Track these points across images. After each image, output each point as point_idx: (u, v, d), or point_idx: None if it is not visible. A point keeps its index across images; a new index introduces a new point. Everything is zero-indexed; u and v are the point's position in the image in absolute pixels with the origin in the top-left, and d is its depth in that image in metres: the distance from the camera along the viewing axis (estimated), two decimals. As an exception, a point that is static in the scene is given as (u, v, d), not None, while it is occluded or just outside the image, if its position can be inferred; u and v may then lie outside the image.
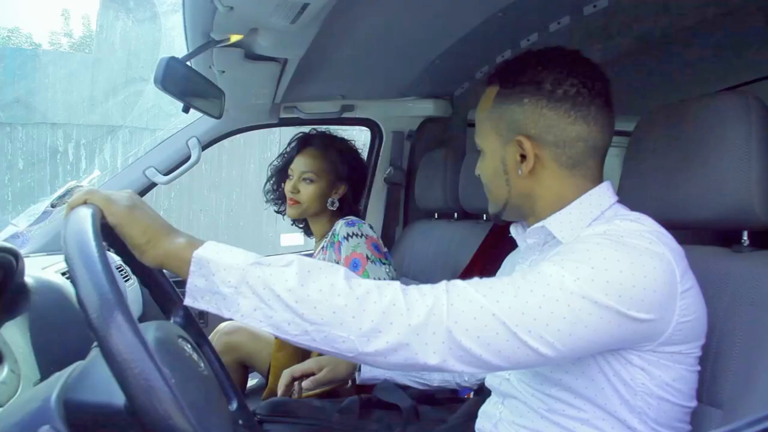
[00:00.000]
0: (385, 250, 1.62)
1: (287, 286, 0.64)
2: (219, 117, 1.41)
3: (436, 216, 2.10)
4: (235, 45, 1.25)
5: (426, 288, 0.68)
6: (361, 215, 1.98)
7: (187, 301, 0.67)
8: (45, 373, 0.90)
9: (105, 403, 0.55)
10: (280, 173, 1.78)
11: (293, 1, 0.93)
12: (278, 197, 1.82)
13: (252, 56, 1.33)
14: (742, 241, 0.87)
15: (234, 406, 0.83)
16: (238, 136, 2.07)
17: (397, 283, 0.68)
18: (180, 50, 1.24)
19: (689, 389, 0.76)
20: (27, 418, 0.57)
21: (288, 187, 1.69)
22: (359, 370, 1.24)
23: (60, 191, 1.77)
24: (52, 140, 4.77)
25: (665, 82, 1.52)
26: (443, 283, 0.69)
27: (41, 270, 1.11)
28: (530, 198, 0.87)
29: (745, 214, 0.81)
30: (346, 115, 2.13)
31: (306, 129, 1.82)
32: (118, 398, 0.55)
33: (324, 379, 1.23)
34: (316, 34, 1.21)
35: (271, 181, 1.82)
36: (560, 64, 0.83)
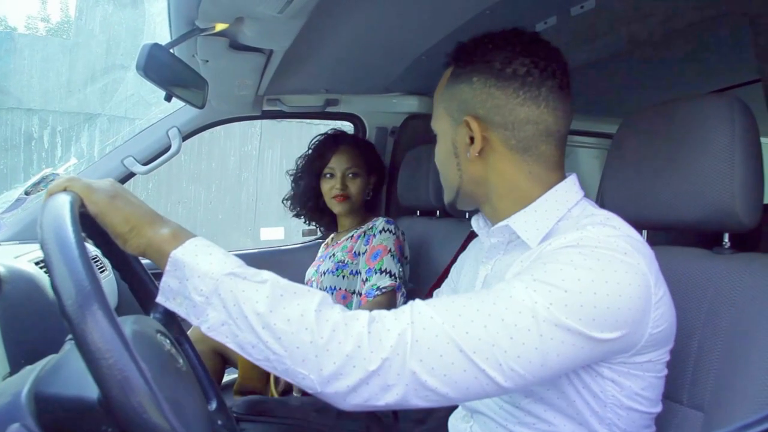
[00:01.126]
0: (408, 255, 1.73)
1: (256, 309, 0.61)
2: (201, 107, 1.38)
3: (418, 213, 2.09)
4: (220, 34, 1.22)
5: (390, 320, 0.63)
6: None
7: (159, 299, 0.65)
8: (14, 365, 0.87)
9: (77, 396, 0.53)
10: (314, 176, 1.82)
11: (280, -11, 0.91)
12: (313, 203, 1.87)
13: (237, 46, 1.30)
14: (724, 243, 0.88)
15: (213, 406, 0.82)
16: (219, 128, 2.04)
17: (365, 317, 0.64)
18: (163, 38, 1.21)
19: (656, 395, 0.75)
20: (-3, 411, 0.55)
21: (334, 185, 1.75)
22: None
23: (35, 178, 1.72)
24: (27, 126, 4.64)
25: (650, 83, 1.54)
26: (408, 312, 0.65)
27: (14, 259, 1.08)
28: (482, 184, 0.84)
29: (727, 216, 0.82)
30: (330, 109, 2.12)
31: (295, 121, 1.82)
32: (92, 392, 0.53)
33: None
34: (302, 26, 1.19)
35: (300, 187, 1.87)
36: (513, 44, 0.80)
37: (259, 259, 2.27)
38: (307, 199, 1.88)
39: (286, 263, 2.26)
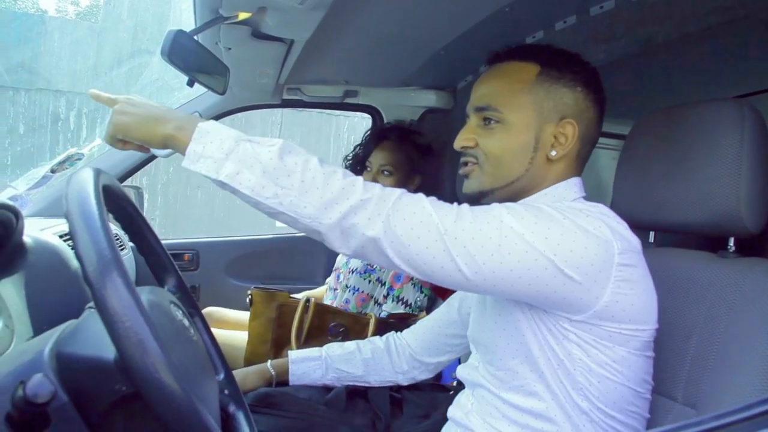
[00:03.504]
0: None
1: (269, 156, 0.73)
2: (223, 93, 1.42)
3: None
4: (243, 23, 1.25)
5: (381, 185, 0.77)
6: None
7: (185, 163, 0.75)
8: (37, 330, 0.91)
9: (95, 356, 0.57)
10: (358, 166, 1.86)
11: (303, -19, 0.94)
12: None
13: (259, 35, 1.34)
14: (728, 247, 0.89)
15: (221, 376, 0.85)
16: (239, 115, 2.08)
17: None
18: (187, 24, 1.25)
19: (636, 373, 0.79)
20: (20, 369, 0.59)
21: (367, 179, 1.75)
22: (272, 383, 1.24)
23: (60, 157, 1.78)
24: (54, 107, 4.75)
25: (665, 86, 1.53)
26: (395, 189, 0.77)
27: (39, 231, 1.12)
28: (536, 181, 0.88)
29: (733, 221, 0.83)
30: (348, 100, 2.14)
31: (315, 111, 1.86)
32: (108, 353, 0.56)
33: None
34: (323, 17, 1.22)
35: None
36: (595, 74, 0.90)
37: (274, 245, 2.31)
38: None
39: (300, 250, 2.30)
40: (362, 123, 5.57)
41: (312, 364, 1.22)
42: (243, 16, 1.21)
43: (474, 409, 0.92)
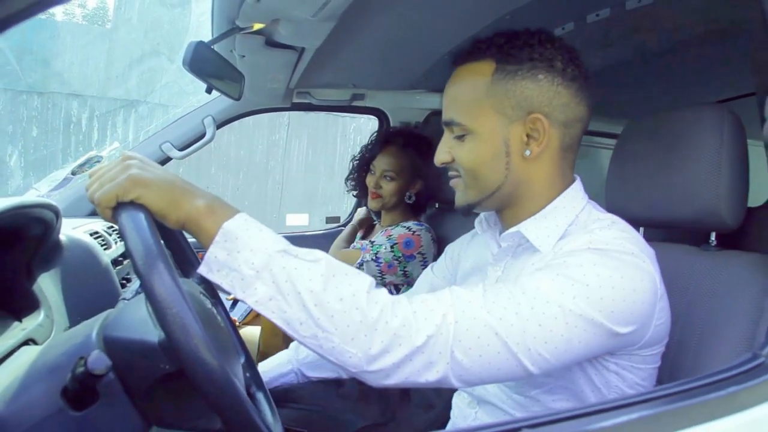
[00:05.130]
0: (425, 253, 1.75)
1: (310, 287, 0.63)
2: (238, 99, 1.49)
3: (436, 206, 2.18)
4: (257, 32, 1.33)
5: (432, 302, 0.68)
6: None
7: (202, 270, 0.66)
8: (73, 321, 0.99)
9: (141, 339, 0.64)
10: (363, 168, 1.96)
11: (315, -3, 1.01)
12: (359, 188, 2.02)
13: (272, 43, 1.41)
14: (710, 241, 0.95)
15: (242, 360, 0.93)
16: (248, 117, 2.16)
17: (408, 300, 0.68)
18: (198, 30, 1.32)
19: (653, 384, 0.83)
20: (71, 350, 0.66)
21: (371, 182, 1.87)
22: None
23: (80, 160, 1.86)
24: (67, 110, 4.85)
25: (658, 89, 1.60)
26: (448, 295, 0.69)
27: (72, 229, 1.21)
28: (522, 185, 0.85)
29: (714, 217, 0.90)
30: (356, 103, 2.21)
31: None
32: (152, 336, 0.64)
33: None
34: (333, 26, 1.29)
35: (353, 173, 2.02)
36: (561, 46, 0.83)
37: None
38: (356, 184, 2.03)
39: (309, 248, 2.37)
40: (368, 124, 5.65)
41: (284, 380, 1.17)
42: (258, 26, 1.28)
43: (480, 419, 0.93)
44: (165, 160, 2.00)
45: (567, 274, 0.71)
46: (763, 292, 0.78)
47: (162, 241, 0.63)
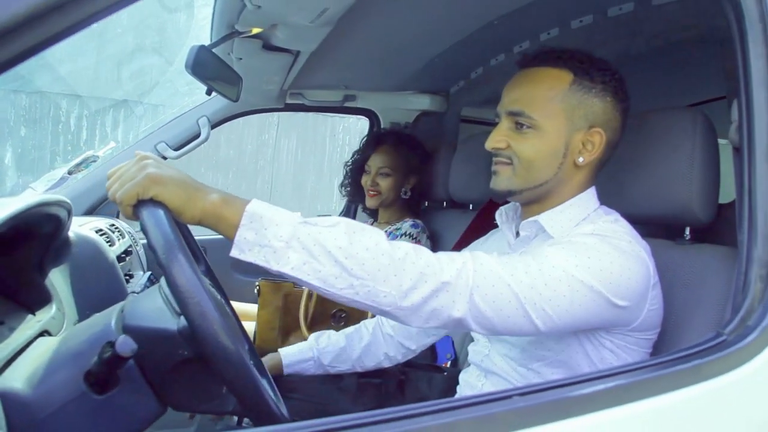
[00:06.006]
0: None
1: (338, 243, 0.70)
2: (236, 100, 1.54)
3: (426, 204, 2.24)
4: (255, 36, 1.38)
5: (453, 254, 0.77)
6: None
7: (234, 253, 0.70)
8: (81, 314, 1.03)
9: (160, 327, 0.69)
10: (357, 170, 2.03)
11: (315, 4, 1.06)
12: (355, 191, 2.07)
13: (269, 47, 1.46)
14: (685, 235, 1.02)
15: (246, 347, 0.98)
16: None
17: (426, 249, 0.76)
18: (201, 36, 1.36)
19: None
20: (93, 337, 0.71)
21: (367, 181, 1.93)
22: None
23: (77, 160, 1.89)
24: (56, 110, 4.83)
25: (637, 93, 1.67)
26: (466, 253, 0.78)
27: (78, 227, 1.24)
28: (562, 185, 0.93)
29: (688, 213, 0.97)
30: (347, 104, 2.26)
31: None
32: (171, 324, 0.69)
33: None
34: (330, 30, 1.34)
35: (348, 177, 2.08)
36: (622, 78, 0.94)
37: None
38: (353, 191, 2.10)
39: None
40: (357, 124, 5.69)
41: (305, 365, 1.24)
42: (256, 30, 1.33)
43: (485, 389, 1.01)
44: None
45: (572, 248, 0.81)
46: (729, 281, 0.85)
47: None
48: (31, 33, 0.47)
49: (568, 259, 0.78)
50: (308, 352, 1.24)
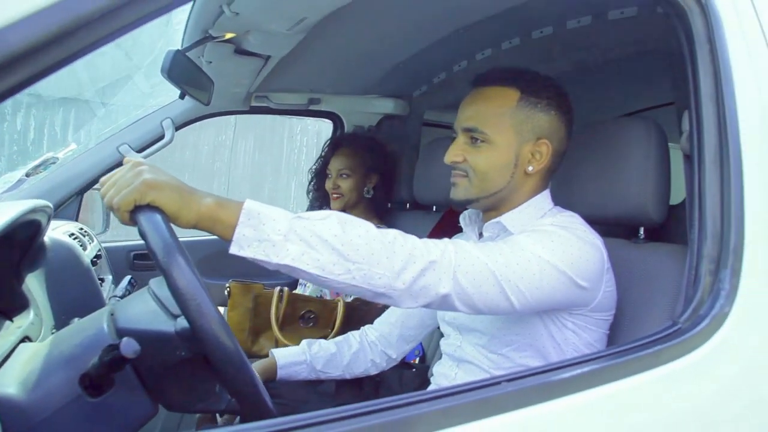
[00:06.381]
0: None
1: (332, 233, 0.75)
2: (207, 104, 1.54)
3: (389, 205, 2.29)
4: (228, 41, 1.39)
5: (434, 239, 0.84)
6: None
7: (233, 250, 0.73)
8: (57, 319, 1.03)
9: (156, 329, 0.71)
10: (320, 175, 2.06)
11: (295, 13, 1.09)
12: (321, 196, 2.10)
13: (241, 51, 1.47)
14: (639, 234, 1.11)
15: None
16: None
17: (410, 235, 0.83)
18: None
19: (603, 346, 1.00)
20: (87, 341, 0.72)
21: (329, 184, 1.96)
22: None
23: (36, 162, 1.84)
24: (14, 109, 4.61)
25: (594, 100, 1.78)
26: (446, 239, 0.85)
27: (52, 230, 1.22)
28: (515, 192, 1.02)
29: (642, 214, 1.05)
30: (312, 107, 2.28)
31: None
32: (168, 326, 0.71)
33: None
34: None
35: (313, 183, 2.11)
36: (564, 93, 1.04)
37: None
38: (318, 196, 2.13)
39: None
40: (315, 125, 5.70)
41: (298, 368, 1.27)
42: (230, 35, 1.34)
43: (459, 378, 1.08)
44: (122, 162, 2.00)
45: (538, 235, 0.91)
46: (680, 275, 0.93)
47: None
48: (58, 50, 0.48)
49: (536, 244, 0.88)
50: (301, 355, 1.27)
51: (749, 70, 0.85)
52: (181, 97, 1.35)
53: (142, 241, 0.74)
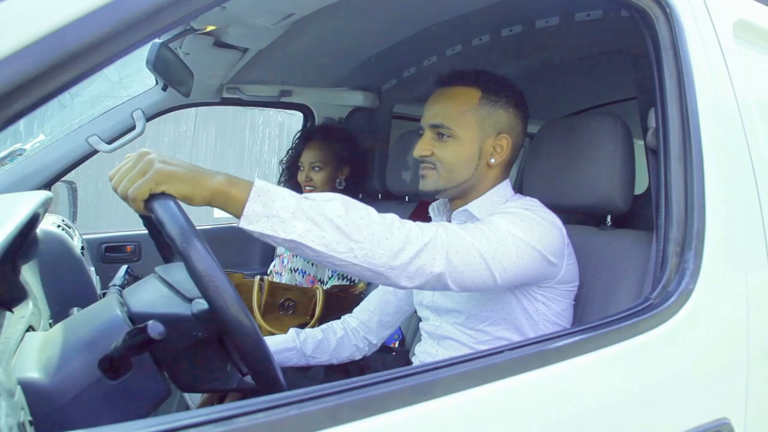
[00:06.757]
0: None
1: (337, 213, 0.79)
2: (187, 96, 1.55)
3: (360, 196, 2.34)
4: (208, 33, 1.41)
5: (425, 223, 0.90)
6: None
7: (242, 224, 0.76)
8: (52, 309, 1.04)
9: (173, 313, 0.74)
10: (292, 167, 2.07)
11: (283, 9, 1.12)
12: (292, 188, 2.10)
13: (219, 44, 1.49)
14: (607, 222, 1.21)
15: None
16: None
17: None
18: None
19: (570, 319, 1.10)
20: (104, 327, 0.75)
21: (302, 177, 1.98)
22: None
23: (3, 153, 1.80)
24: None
25: (562, 96, 1.88)
26: (434, 223, 0.91)
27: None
28: (479, 182, 1.12)
29: (609, 203, 1.14)
30: (283, 99, 2.30)
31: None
32: (183, 309, 0.74)
33: None
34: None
35: (284, 175, 2.12)
36: (521, 92, 1.15)
37: (212, 234, 2.42)
38: (289, 185, 2.11)
39: (238, 239, 2.43)
40: (278, 116, 5.67)
41: (288, 354, 1.32)
42: (210, 28, 1.36)
43: (441, 355, 1.16)
44: (91, 154, 1.97)
45: (509, 216, 1.00)
46: (645, 259, 1.03)
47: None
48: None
49: (509, 224, 0.97)
50: (291, 342, 1.32)
51: (707, 72, 0.95)
52: (164, 89, 1.36)
53: (112, 234, 0.78)
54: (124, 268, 1.01)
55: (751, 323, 0.89)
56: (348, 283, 1.86)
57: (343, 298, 1.75)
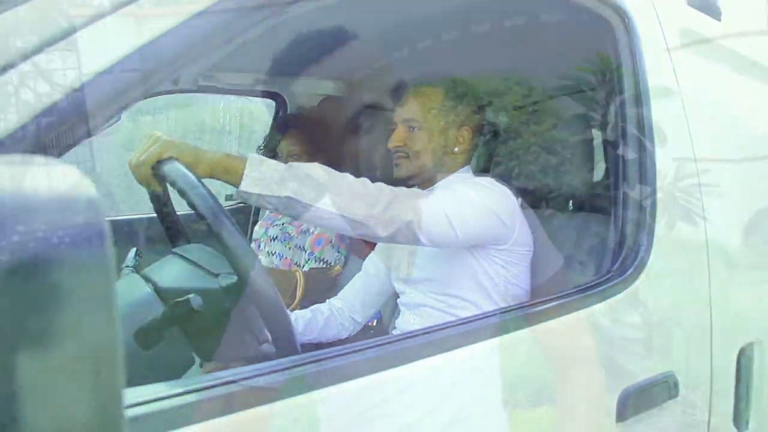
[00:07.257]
0: (348, 241, 1.97)
1: (321, 175, 0.97)
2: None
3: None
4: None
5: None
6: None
7: (243, 187, 0.91)
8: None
9: (202, 287, 0.82)
10: (269, 156, 2.05)
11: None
12: None
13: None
14: (569, 206, 1.35)
15: None
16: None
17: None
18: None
19: (526, 281, 1.25)
20: (135, 303, 0.82)
21: None
22: None
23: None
24: None
25: (527, 89, 2.03)
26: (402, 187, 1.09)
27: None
28: (445, 168, 1.32)
29: (571, 188, 1.29)
30: (257, 87, 2.34)
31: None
32: (212, 283, 0.83)
33: None
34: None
35: None
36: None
37: (189, 222, 2.45)
38: None
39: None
40: (238, 102, 5.61)
41: None
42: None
43: (417, 323, 1.29)
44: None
45: (467, 185, 1.21)
46: (603, 239, 1.18)
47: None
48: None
49: (468, 189, 1.17)
50: None
51: (658, 72, 1.09)
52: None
53: (116, 218, 0.87)
54: (133, 250, 1.07)
55: (697, 292, 1.05)
56: (324, 265, 1.95)
57: (321, 280, 1.83)
